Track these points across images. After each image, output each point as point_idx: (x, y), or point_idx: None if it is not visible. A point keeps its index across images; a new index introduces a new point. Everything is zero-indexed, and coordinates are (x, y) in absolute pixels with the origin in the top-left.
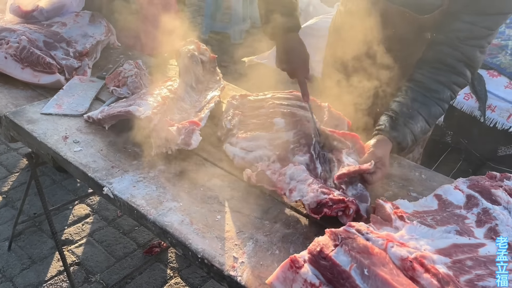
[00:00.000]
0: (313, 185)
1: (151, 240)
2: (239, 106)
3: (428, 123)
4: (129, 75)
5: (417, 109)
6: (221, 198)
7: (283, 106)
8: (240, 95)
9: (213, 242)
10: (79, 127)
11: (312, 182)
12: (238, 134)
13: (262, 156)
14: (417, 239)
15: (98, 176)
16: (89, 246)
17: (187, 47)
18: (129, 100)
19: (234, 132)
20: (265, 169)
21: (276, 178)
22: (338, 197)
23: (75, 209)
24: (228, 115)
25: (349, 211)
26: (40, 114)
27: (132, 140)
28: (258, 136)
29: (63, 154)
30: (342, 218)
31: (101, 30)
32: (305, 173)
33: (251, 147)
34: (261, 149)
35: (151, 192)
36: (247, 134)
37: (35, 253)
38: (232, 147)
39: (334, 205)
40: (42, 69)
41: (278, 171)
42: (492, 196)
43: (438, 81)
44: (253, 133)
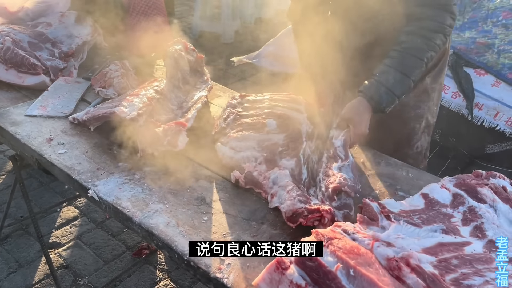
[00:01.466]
0: (292, 192)
1: (140, 242)
2: (236, 106)
3: (405, 74)
4: (115, 76)
5: (388, 64)
6: (208, 199)
7: (278, 108)
8: (240, 95)
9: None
10: (64, 129)
11: (291, 189)
12: (230, 134)
13: (250, 157)
14: (404, 239)
15: (83, 178)
16: (77, 248)
17: (174, 47)
18: (115, 101)
19: (227, 131)
20: (251, 170)
21: (262, 180)
22: (314, 207)
23: (63, 212)
24: (224, 114)
25: (324, 221)
26: (24, 116)
27: (118, 142)
28: (248, 136)
29: (47, 156)
30: (319, 227)
31: (87, 31)
32: (288, 178)
33: (240, 147)
34: (249, 150)
35: (137, 194)
36: (238, 134)
37: (22, 257)
38: (222, 146)
39: (309, 214)
40: (27, 70)
41: (263, 174)
42: (478, 194)
43: (406, 32)
44: (243, 133)
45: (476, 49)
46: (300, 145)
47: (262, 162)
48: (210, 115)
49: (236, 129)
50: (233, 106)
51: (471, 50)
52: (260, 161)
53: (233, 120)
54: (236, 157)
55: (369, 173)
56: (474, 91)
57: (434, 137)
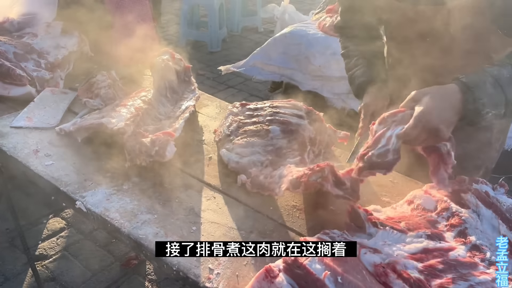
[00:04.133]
0: (291, 167)
1: (128, 252)
2: (238, 114)
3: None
4: (102, 86)
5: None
6: (197, 209)
7: (280, 115)
8: (240, 103)
9: None
10: (50, 140)
11: (290, 167)
12: (235, 140)
13: (256, 162)
14: (390, 245)
15: (71, 190)
16: (64, 260)
17: (161, 57)
18: (102, 112)
19: (231, 138)
20: (258, 174)
21: (268, 182)
22: (312, 166)
23: (50, 223)
24: (227, 122)
25: (324, 173)
26: (10, 127)
27: (106, 153)
28: (253, 142)
29: (34, 168)
30: (324, 185)
31: (73, 41)
32: (291, 167)
33: (246, 153)
34: (254, 155)
35: (125, 204)
36: (243, 141)
37: (8, 270)
38: (228, 152)
39: (310, 172)
40: (12, 81)
41: (269, 175)
42: (461, 200)
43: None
44: (248, 139)
45: None
46: (304, 149)
47: (268, 165)
48: (197, 124)
49: (240, 136)
50: (235, 114)
51: None
52: (266, 164)
53: (237, 128)
54: (242, 162)
55: None
56: None
57: None
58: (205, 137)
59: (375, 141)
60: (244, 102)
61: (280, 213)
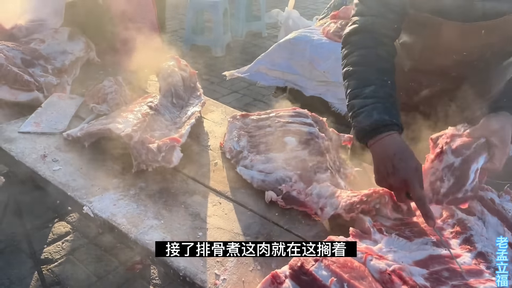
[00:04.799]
0: (342, 194)
1: (133, 257)
2: (243, 127)
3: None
4: (109, 92)
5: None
6: (203, 214)
7: (289, 124)
8: (241, 115)
9: (195, 260)
10: (58, 146)
11: (339, 193)
12: (251, 157)
13: (284, 178)
14: (396, 252)
15: (78, 195)
16: (69, 264)
17: (167, 63)
18: (109, 117)
19: (245, 154)
20: (290, 190)
21: (304, 198)
22: (369, 192)
23: (55, 227)
24: (234, 136)
25: (385, 199)
26: (18, 132)
27: (113, 158)
28: (273, 157)
29: (41, 173)
30: (381, 210)
31: (80, 47)
32: (331, 188)
33: (269, 169)
34: (280, 170)
35: (132, 210)
36: (261, 156)
37: (13, 274)
38: (248, 170)
39: (368, 198)
40: (20, 86)
41: (303, 191)
42: (467, 208)
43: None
44: (267, 154)
45: None
46: (324, 158)
47: (298, 180)
48: (203, 130)
49: (254, 151)
50: (240, 128)
51: None
52: (295, 179)
53: (247, 142)
54: (268, 180)
55: (364, 186)
56: None
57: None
58: (210, 143)
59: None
60: (245, 113)
61: (286, 219)
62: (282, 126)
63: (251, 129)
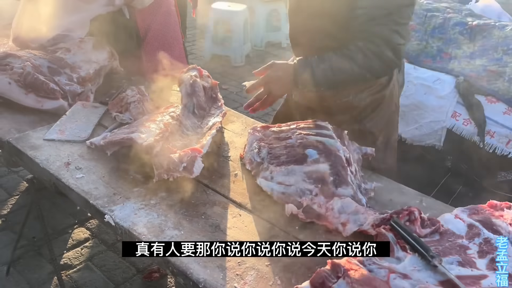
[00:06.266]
0: (369, 211)
1: (150, 265)
2: (263, 138)
3: (332, 70)
4: (132, 101)
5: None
6: (223, 226)
7: (310, 136)
8: (261, 126)
9: (215, 272)
10: (81, 153)
11: (365, 210)
12: (271, 168)
13: (304, 190)
14: (420, 271)
15: (100, 203)
16: (88, 271)
17: (189, 73)
18: (132, 127)
19: (265, 166)
20: (310, 204)
21: (324, 213)
22: (399, 210)
23: (75, 233)
24: (254, 148)
25: (415, 216)
26: (42, 140)
27: (134, 167)
28: (294, 169)
29: (65, 181)
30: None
31: (104, 56)
32: (354, 204)
33: (289, 181)
34: (300, 183)
35: (153, 219)
36: (281, 168)
37: (33, 278)
38: (267, 182)
39: (398, 215)
40: (46, 94)
41: (324, 205)
42: (493, 225)
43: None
44: (287, 166)
45: (487, 77)
46: (346, 171)
47: (319, 194)
48: (224, 140)
49: (275, 163)
50: (260, 139)
51: (482, 77)
52: (316, 192)
53: (268, 154)
54: (288, 192)
55: (383, 201)
56: (485, 118)
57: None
58: (230, 154)
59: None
60: (265, 125)
61: (307, 233)
62: (302, 138)
63: (271, 140)
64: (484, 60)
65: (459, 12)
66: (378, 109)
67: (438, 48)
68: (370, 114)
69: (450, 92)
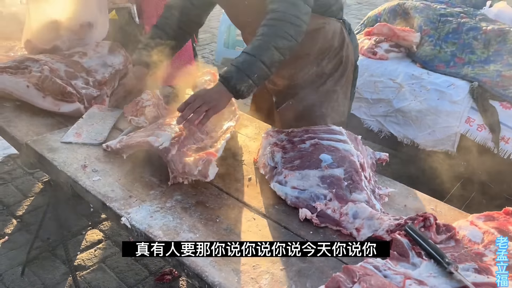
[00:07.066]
0: (384, 217)
1: (162, 267)
2: (277, 143)
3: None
4: (147, 105)
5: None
6: (237, 230)
7: (324, 141)
8: (275, 131)
9: (230, 275)
10: (97, 156)
11: (380, 215)
12: (285, 173)
13: (318, 195)
14: (436, 277)
15: (116, 206)
16: (101, 272)
17: (204, 78)
18: (147, 130)
19: (279, 170)
20: (324, 208)
21: (338, 217)
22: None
23: (88, 235)
24: (268, 152)
25: (429, 222)
26: (60, 142)
27: (150, 170)
28: (308, 174)
29: (82, 183)
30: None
31: (119, 60)
32: (369, 209)
33: (303, 186)
34: (314, 188)
35: (168, 222)
36: (295, 172)
37: (47, 279)
38: (281, 186)
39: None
40: (63, 98)
41: (338, 210)
42: (509, 232)
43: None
44: (301, 171)
45: (502, 82)
46: (360, 177)
47: (333, 199)
48: (237, 145)
49: (288, 167)
50: (274, 143)
51: (496, 83)
52: (330, 197)
53: (281, 158)
54: (302, 197)
55: (397, 207)
56: (500, 124)
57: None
58: (244, 158)
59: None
60: (279, 129)
61: (321, 238)
62: (316, 143)
63: (285, 145)
64: (498, 65)
65: (473, 17)
66: (340, 69)
67: (452, 53)
68: (333, 73)
69: (464, 98)
